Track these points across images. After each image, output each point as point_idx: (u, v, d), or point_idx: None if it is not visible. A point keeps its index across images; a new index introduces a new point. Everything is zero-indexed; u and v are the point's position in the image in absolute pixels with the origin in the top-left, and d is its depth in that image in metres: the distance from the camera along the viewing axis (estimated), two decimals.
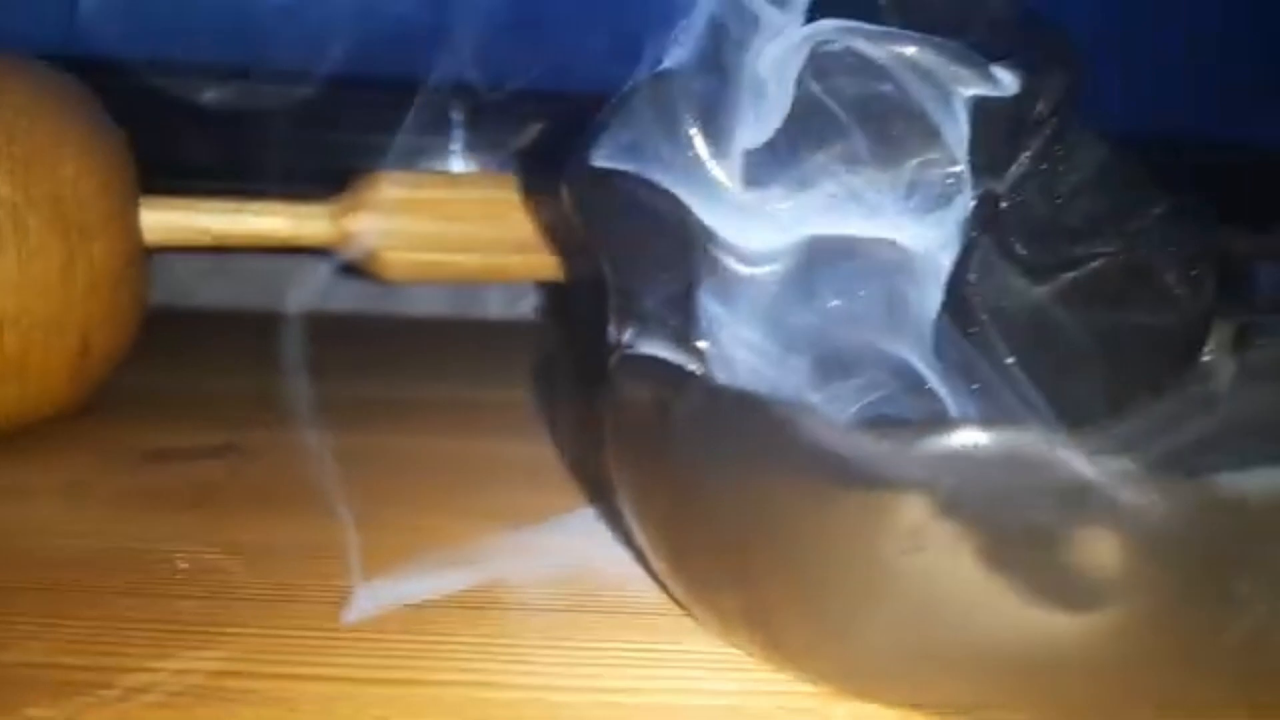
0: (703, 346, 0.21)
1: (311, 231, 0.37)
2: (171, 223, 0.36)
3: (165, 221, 0.35)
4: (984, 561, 0.16)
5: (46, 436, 0.33)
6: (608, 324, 0.21)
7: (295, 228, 0.37)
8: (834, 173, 0.23)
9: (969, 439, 0.15)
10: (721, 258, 0.22)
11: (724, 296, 0.22)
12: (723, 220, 0.22)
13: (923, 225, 0.23)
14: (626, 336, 0.20)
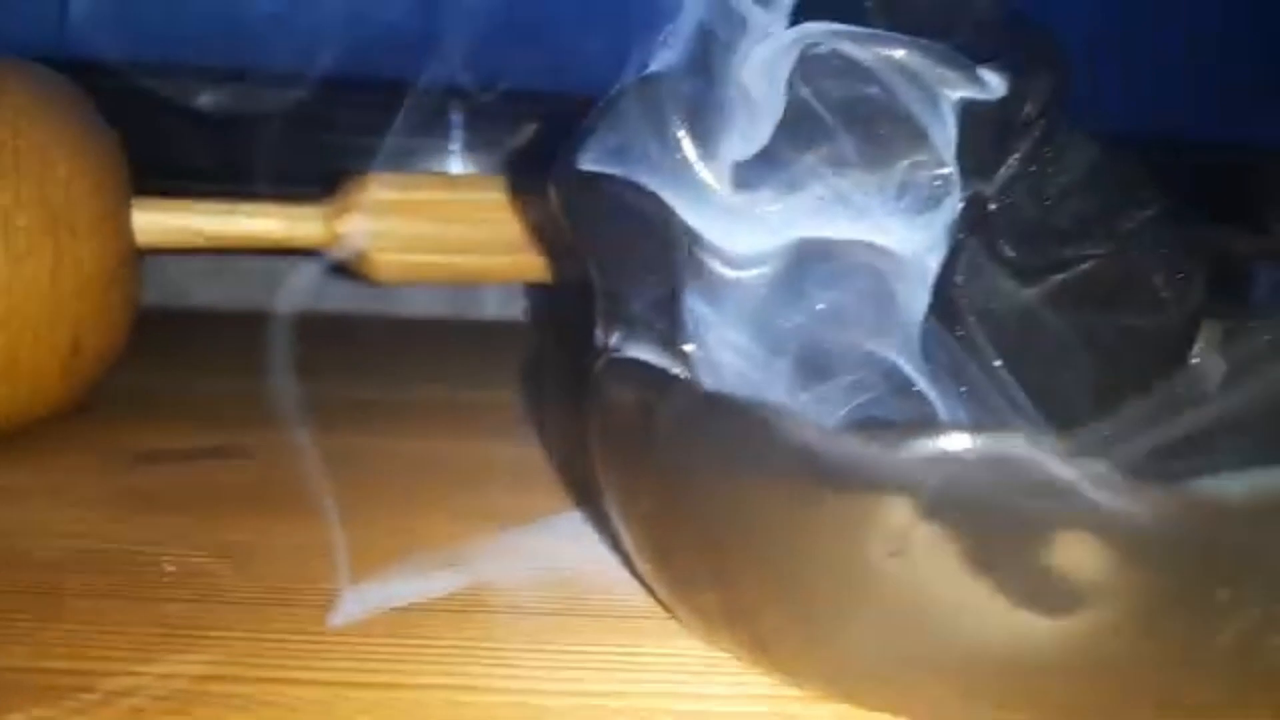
0: (689, 350, 0.21)
1: (304, 233, 0.37)
2: (164, 224, 0.36)
3: (158, 223, 0.35)
4: (969, 564, 0.16)
5: (38, 437, 0.33)
6: (595, 327, 0.21)
7: (288, 229, 0.37)
8: (821, 175, 0.23)
9: (952, 442, 0.15)
10: (708, 261, 0.22)
11: (711, 299, 0.22)
12: (710, 223, 0.22)
13: (911, 228, 0.23)
14: (613, 339, 0.20)
